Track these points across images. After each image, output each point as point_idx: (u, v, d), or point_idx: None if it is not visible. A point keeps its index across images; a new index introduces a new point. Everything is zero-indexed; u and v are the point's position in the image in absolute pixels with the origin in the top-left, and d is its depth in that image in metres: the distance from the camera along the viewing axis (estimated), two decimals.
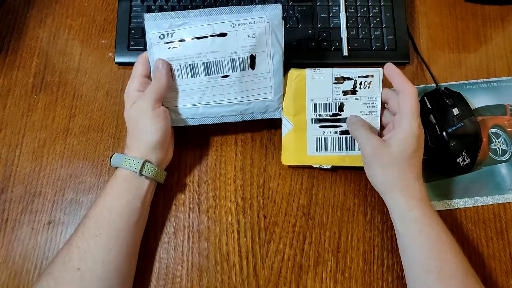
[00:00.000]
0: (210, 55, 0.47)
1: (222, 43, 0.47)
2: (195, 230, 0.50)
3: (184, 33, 0.47)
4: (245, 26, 0.47)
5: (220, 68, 0.48)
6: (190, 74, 0.48)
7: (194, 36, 0.47)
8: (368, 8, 0.59)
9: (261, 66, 0.49)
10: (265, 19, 0.47)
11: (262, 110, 0.51)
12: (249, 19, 0.47)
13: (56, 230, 0.50)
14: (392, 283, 0.48)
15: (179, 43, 0.47)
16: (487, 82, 0.57)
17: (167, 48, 0.47)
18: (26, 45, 0.58)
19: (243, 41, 0.47)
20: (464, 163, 0.52)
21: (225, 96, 0.49)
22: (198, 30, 0.47)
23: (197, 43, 0.47)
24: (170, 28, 0.47)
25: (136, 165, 0.44)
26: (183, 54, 0.47)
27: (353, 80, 0.50)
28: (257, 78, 0.49)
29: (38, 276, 0.48)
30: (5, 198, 0.51)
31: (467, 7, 0.62)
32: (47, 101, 0.55)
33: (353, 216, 0.51)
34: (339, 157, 0.51)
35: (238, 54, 0.48)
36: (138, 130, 0.46)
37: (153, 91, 0.46)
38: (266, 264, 0.49)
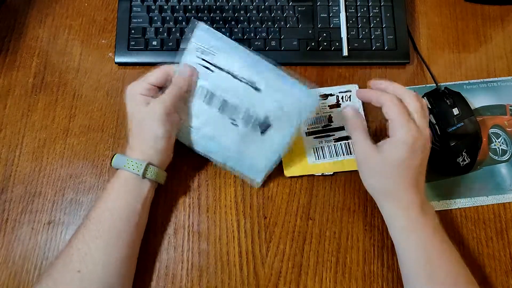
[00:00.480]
0: (234, 98, 0.47)
1: (250, 95, 0.47)
2: (195, 230, 0.50)
3: (224, 62, 0.47)
4: (280, 95, 0.47)
5: (235, 114, 0.48)
6: (206, 101, 0.48)
7: (230, 71, 0.47)
8: (368, 8, 0.59)
9: (270, 137, 0.48)
10: (300, 103, 0.47)
11: (246, 168, 0.50)
12: (287, 93, 0.47)
13: (56, 230, 0.50)
14: (392, 283, 0.48)
15: (214, 67, 0.47)
16: (487, 82, 0.57)
17: (200, 64, 0.47)
18: (26, 45, 0.58)
19: (269, 106, 0.47)
20: (464, 163, 0.52)
21: (225, 138, 0.49)
22: (238, 68, 0.46)
23: (230, 79, 0.47)
24: (214, 48, 0.47)
25: (139, 167, 0.44)
26: (211, 79, 0.47)
27: (335, 95, 0.55)
28: (260, 144, 0.49)
29: (38, 276, 0.48)
30: (5, 198, 0.51)
31: (467, 7, 0.62)
32: (47, 101, 0.55)
33: (353, 216, 0.51)
34: (339, 162, 0.53)
35: (257, 114, 0.47)
36: (145, 132, 0.45)
37: (172, 96, 0.46)
38: (266, 264, 0.49)
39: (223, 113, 0.48)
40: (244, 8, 0.58)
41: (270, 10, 0.58)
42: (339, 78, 0.57)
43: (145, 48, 0.56)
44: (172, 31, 0.57)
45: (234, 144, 0.49)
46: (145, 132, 0.45)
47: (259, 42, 0.57)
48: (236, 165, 0.50)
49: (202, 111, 0.48)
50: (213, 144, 0.49)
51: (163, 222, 0.50)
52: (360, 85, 0.56)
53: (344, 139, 0.54)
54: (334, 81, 0.57)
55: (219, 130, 0.48)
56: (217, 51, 0.47)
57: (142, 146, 0.46)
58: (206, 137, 0.49)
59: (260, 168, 0.50)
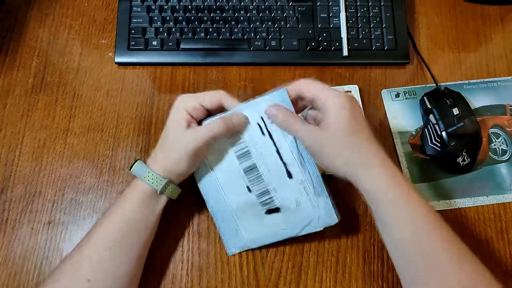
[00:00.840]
0: (265, 169, 0.46)
1: (280, 176, 0.46)
2: (195, 230, 0.50)
3: (277, 134, 0.45)
4: (304, 196, 0.46)
5: (255, 182, 0.47)
6: (239, 155, 0.46)
7: (278, 146, 0.46)
8: (368, 8, 0.59)
9: (271, 222, 0.48)
10: (317, 214, 0.46)
11: (228, 234, 0.49)
12: (313, 198, 0.46)
13: (56, 230, 0.50)
14: (392, 283, 0.48)
15: (267, 133, 0.46)
16: (487, 82, 0.57)
17: (258, 123, 0.45)
18: (26, 45, 0.58)
19: (289, 198, 0.46)
20: (464, 163, 0.52)
21: (231, 196, 0.48)
22: (285, 149, 0.45)
23: (272, 152, 0.46)
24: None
25: (158, 183, 0.43)
26: (257, 140, 0.46)
27: None
28: (258, 221, 0.48)
29: (38, 276, 0.48)
30: (5, 198, 0.51)
31: (467, 7, 0.62)
32: (47, 101, 0.55)
33: (353, 216, 0.51)
34: None
35: (275, 198, 0.47)
36: (174, 153, 0.44)
37: (215, 133, 0.44)
38: (266, 264, 0.49)
39: (246, 174, 0.47)
40: (244, 8, 0.58)
41: (270, 10, 0.58)
42: (339, 78, 0.57)
43: (145, 48, 0.56)
44: (172, 31, 0.57)
45: (234, 205, 0.48)
46: (173, 155, 0.44)
47: (259, 42, 0.57)
48: (221, 224, 0.49)
49: (229, 160, 0.47)
50: (215, 193, 0.48)
51: (163, 222, 0.50)
52: (360, 85, 0.56)
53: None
54: (334, 81, 0.57)
55: (231, 186, 0.47)
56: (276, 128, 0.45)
57: (167, 163, 0.44)
58: (214, 183, 0.48)
59: (240, 243, 0.48)
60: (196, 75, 0.57)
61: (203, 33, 0.57)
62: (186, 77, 0.57)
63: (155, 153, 0.45)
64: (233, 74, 0.57)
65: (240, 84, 0.57)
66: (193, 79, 0.57)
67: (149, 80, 0.57)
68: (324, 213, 0.46)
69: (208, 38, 0.57)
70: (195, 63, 0.57)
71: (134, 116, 0.55)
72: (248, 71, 0.57)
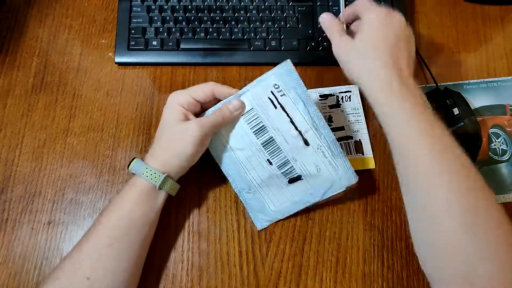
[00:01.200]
0: (282, 140, 0.47)
1: (298, 146, 0.47)
2: (195, 230, 0.50)
3: (289, 106, 0.47)
4: (323, 159, 0.47)
5: (275, 155, 0.48)
6: (255, 130, 0.48)
7: (291, 116, 0.47)
8: None
9: (294, 191, 0.49)
10: (337, 175, 0.48)
11: (256, 209, 0.50)
12: (331, 160, 0.48)
13: (56, 230, 0.50)
14: (392, 283, 0.48)
15: (278, 105, 0.47)
16: (487, 82, 0.57)
17: (268, 97, 0.47)
18: (26, 45, 0.58)
19: (309, 165, 0.48)
20: None
21: (253, 172, 0.49)
22: (299, 118, 0.47)
23: (286, 123, 0.47)
24: (287, 90, 0.47)
25: (157, 179, 0.44)
26: (270, 114, 0.47)
27: (335, 95, 0.55)
28: (281, 191, 0.49)
29: (38, 276, 0.48)
30: (5, 198, 0.51)
31: (467, 7, 0.62)
32: (47, 101, 0.55)
33: (353, 216, 0.51)
34: None
35: (295, 167, 0.48)
36: (174, 148, 0.45)
37: (213, 124, 0.45)
38: (266, 264, 0.49)
39: (264, 148, 0.48)
40: (244, 8, 0.58)
41: (270, 10, 0.58)
42: (339, 78, 0.57)
43: (145, 48, 0.56)
44: (172, 31, 0.57)
45: (257, 180, 0.49)
46: (174, 148, 0.45)
47: (259, 42, 0.57)
48: (248, 201, 0.50)
49: (246, 137, 0.48)
50: (238, 171, 0.49)
51: (163, 222, 0.50)
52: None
53: (344, 139, 0.53)
54: (334, 81, 0.57)
55: (252, 162, 0.48)
56: (288, 93, 0.47)
57: (166, 159, 0.45)
58: (236, 161, 0.49)
59: (268, 216, 0.50)
60: (196, 75, 0.57)
61: (203, 33, 0.57)
62: (186, 77, 0.57)
63: (152, 151, 0.46)
64: (233, 74, 0.57)
65: (240, 84, 0.57)
66: (193, 79, 0.57)
67: (149, 80, 0.57)
68: (344, 173, 0.48)
69: (208, 38, 0.57)
70: (195, 63, 0.57)
71: (134, 116, 0.55)
72: (248, 71, 0.57)
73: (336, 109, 0.55)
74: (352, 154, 0.53)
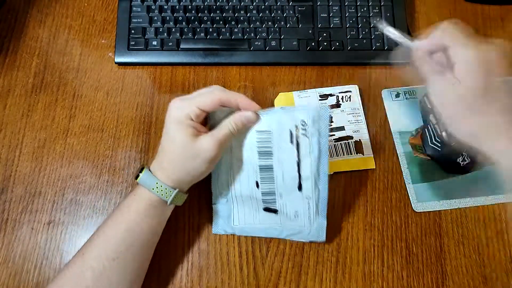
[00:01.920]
0: (279, 173, 0.46)
1: (291, 186, 0.46)
2: (195, 230, 0.50)
3: (303, 146, 0.45)
4: (304, 212, 0.47)
5: (266, 182, 0.47)
6: (260, 150, 0.46)
7: (300, 157, 0.46)
8: (368, 8, 0.59)
9: (263, 222, 0.49)
10: (308, 229, 0.48)
11: (218, 217, 0.50)
12: (309, 216, 0.48)
13: (56, 230, 0.50)
14: (392, 283, 0.48)
15: (295, 142, 0.45)
16: None
17: (290, 129, 0.45)
18: (26, 45, 0.58)
19: (290, 209, 0.47)
20: (465, 163, 0.52)
21: (238, 184, 0.48)
22: (306, 162, 0.46)
23: (292, 160, 0.46)
24: (310, 133, 0.45)
25: (167, 194, 0.42)
26: (283, 145, 0.45)
27: (335, 95, 0.55)
28: (250, 215, 0.49)
29: (38, 276, 0.48)
30: (5, 198, 0.51)
31: (467, 7, 0.62)
32: (47, 101, 0.55)
33: (353, 216, 0.51)
34: (339, 162, 0.52)
35: (277, 202, 0.47)
36: (187, 167, 0.43)
37: (227, 139, 0.43)
38: (266, 264, 0.49)
39: (260, 171, 0.47)
40: (244, 8, 0.58)
41: (270, 10, 0.58)
42: (339, 78, 0.57)
43: (145, 48, 0.56)
44: (172, 31, 0.57)
45: (237, 193, 0.49)
46: (187, 167, 0.43)
47: (259, 42, 0.57)
48: (219, 205, 0.50)
49: (249, 152, 0.47)
50: (225, 173, 0.49)
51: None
52: (360, 85, 0.56)
53: (344, 139, 0.53)
54: (334, 81, 0.57)
55: (242, 176, 0.48)
56: (311, 136, 0.45)
57: (178, 175, 0.43)
58: (227, 164, 0.48)
59: (228, 228, 0.49)
60: (196, 75, 0.57)
61: (203, 33, 0.57)
62: (186, 77, 0.57)
63: (161, 163, 0.43)
64: (233, 74, 0.57)
65: (240, 84, 0.57)
66: (193, 79, 0.57)
67: (149, 80, 0.57)
68: (316, 230, 0.48)
69: (208, 38, 0.57)
70: (195, 63, 0.57)
71: (134, 116, 0.55)
72: (248, 71, 0.57)
73: (336, 109, 0.55)
74: (352, 154, 0.53)
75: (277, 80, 0.57)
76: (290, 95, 0.55)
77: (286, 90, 0.56)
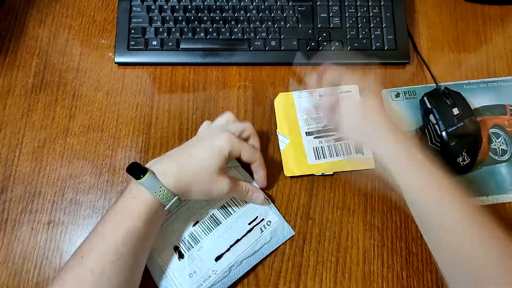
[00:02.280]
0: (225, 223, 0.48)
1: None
2: None
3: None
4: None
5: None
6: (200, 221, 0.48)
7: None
8: (368, 8, 0.59)
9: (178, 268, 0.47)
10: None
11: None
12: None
13: (56, 230, 0.50)
14: (392, 283, 0.48)
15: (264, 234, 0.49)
16: (487, 82, 0.57)
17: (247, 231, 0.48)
18: (26, 45, 0.58)
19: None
20: (464, 163, 0.52)
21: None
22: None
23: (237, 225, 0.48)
24: (269, 233, 0.49)
25: (168, 199, 0.42)
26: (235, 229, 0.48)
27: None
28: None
29: (38, 276, 0.48)
30: (5, 198, 0.51)
31: (467, 7, 0.62)
32: (47, 101, 0.55)
33: (353, 216, 0.51)
34: (339, 162, 0.52)
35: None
36: (198, 189, 0.44)
37: (235, 194, 0.47)
38: (266, 264, 0.49)
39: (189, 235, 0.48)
40: (244, 8, 0.58)
41: (270, 10, 0.58)
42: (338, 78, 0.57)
43: (145, 48, 0.56)
44: (172, 31, 0.57)
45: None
46: (198, 188, 0.44)
47: (259, 42, 0.57)
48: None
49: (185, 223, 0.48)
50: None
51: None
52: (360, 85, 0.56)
53: (344, 139, 0.54)
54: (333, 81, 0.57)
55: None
56: (263, 235, 0.48)
57: (185, 188, 0.44)
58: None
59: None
60: (196, 75, 0.57)
61: (203, 33, 0.57)
62: (186, 77, 0.57)
63: (167, 164, 0.44)
64: (233, 74, 0.57)
65: (240, 84, 0.57)
66: (193, 79, 0.57)
67: (149, 80, 0.57)
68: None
69: (208, 38, 0.57)
70: (195, 63, 0.57)
71: (134, 116, 0.55)
72: (248, 71, 0.57)
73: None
74: (352, 154, 0.53)
75: (277, 80, 0.57)
76: (290, 95, 0.55)
77: (286, 90, 0.56)
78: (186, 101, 0.56)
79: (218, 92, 0.56)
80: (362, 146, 0.52)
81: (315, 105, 0.54)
